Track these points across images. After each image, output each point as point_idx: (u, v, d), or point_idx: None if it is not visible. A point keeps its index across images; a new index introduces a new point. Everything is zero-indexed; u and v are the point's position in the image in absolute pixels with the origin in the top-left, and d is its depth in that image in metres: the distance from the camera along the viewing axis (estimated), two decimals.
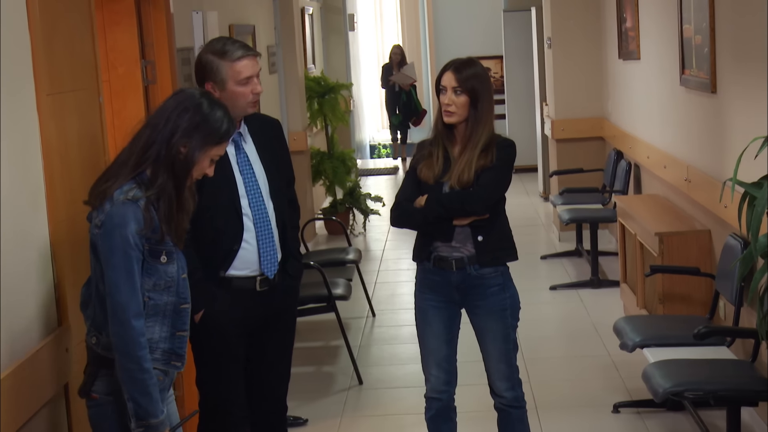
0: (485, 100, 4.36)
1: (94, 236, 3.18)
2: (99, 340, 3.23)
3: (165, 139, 3.21)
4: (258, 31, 7.55)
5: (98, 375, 3.26)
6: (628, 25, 8.68)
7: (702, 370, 4.84)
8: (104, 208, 3.15)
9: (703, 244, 6.14)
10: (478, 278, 4.46)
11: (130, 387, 3.13)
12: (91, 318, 3.27)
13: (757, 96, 5.17)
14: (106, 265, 3.13)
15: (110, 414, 3.25)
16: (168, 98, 3.37)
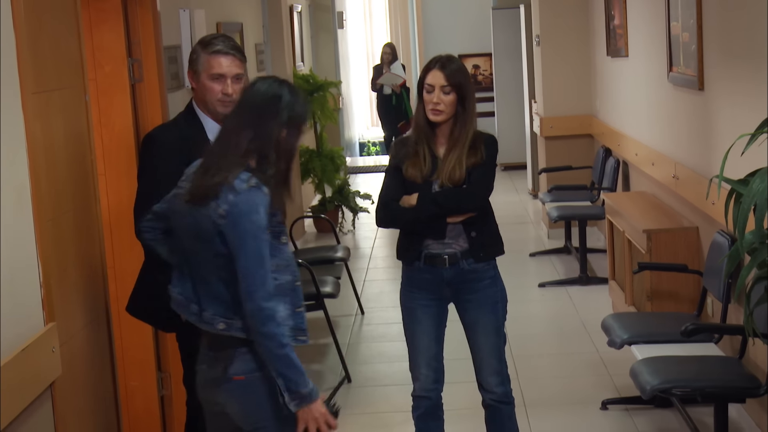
0: (471, 97, 4.38)
1: (214, 227, 3.26)
2: (231, 325, 3.32)
3: (266, 131, 3.31)
4: (246, 29, 7.54)
5: (235, 357, 3.34)
6: (616, 23, 8.69)
7: (690, 367, 4.85)
8: (226, 198, 3.23)
9: (690, 241, 6.15)
10: (471, 272, 4.48)
11: (275, 364, 3.26)
12: (212, 308, 3.35)
13: (744, 93, 5.18)
14: (239, 252, 3.23)
15: (258, 389, 3.35)
16: (251, 89, 3.40)
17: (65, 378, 3.54)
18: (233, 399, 3.38)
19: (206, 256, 3.33)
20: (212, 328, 3.37)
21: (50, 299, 3.49)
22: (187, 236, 3.37)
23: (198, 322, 3.42)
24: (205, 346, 3.46)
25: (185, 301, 3.44)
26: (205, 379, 3.46)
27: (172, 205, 3.46)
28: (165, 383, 5.24)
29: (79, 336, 3.78)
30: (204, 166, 3.33)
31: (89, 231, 3.97)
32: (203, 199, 3.27)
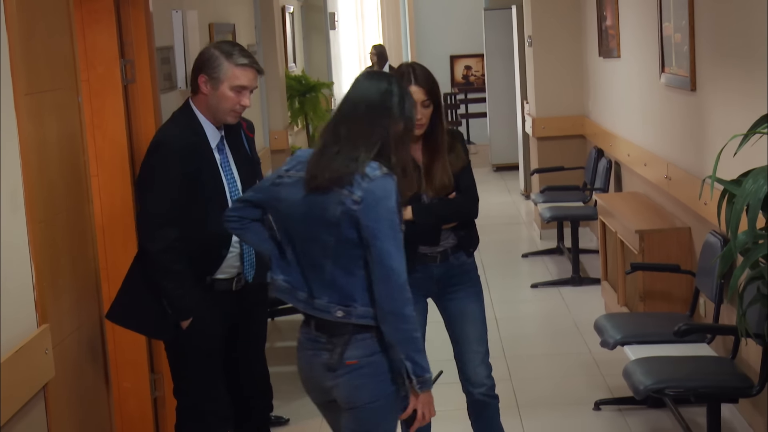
0: (441, 100, 4.43)
1: (344, 213, 3.33)
2: (350, 312, 3.38)
3: (384, 126, 3.41)
4: (238, 29, 7.53)
5: (351, 342, 3.40)
6: (608, 24, 8.70)
7: (682, 367, 4.86)
8: (360, 185, 3.32)
9: (683, 242, 6.16)
10: (459, 266, 4.54)
11: (406, 347, 3.33)
12: (326, 296, 3.41)
13: (737, 93, 5.19)
14: (375, 236, 3.31)
15: (373, 373, 3.41)
16: (361, 86, 3.49)
17: (58, 380, 3.54)
18: (345, 381, 3.44)
19: (327, 243, 3.39)
20: (328, 316, 3.42)
21: (43, 301, 3.48)
22: (301, 223, 3.43)
23: (307, 309, 3.47)
24: (311, 332, 3.50)
25: (291, 288, 3.51)
26: (312, 363, 3.51)
27: (274, 194, 3.53)
28: (158, 385, 5.24)
29: (72, 338, 3.78)
30: (325, 156, 3.40)
31: (82, 232, 3.96)
32: (333, 187, 3.35)
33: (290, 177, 3.50)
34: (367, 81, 3.51)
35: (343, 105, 3.50)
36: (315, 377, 3.52)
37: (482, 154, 15.85)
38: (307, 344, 3.52)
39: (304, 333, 3.54)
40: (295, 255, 3.49)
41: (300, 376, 3.61)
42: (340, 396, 3.47)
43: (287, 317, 6.91)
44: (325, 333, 3.45)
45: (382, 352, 3.41)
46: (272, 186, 3.56)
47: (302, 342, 3.55)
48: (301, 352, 3.56)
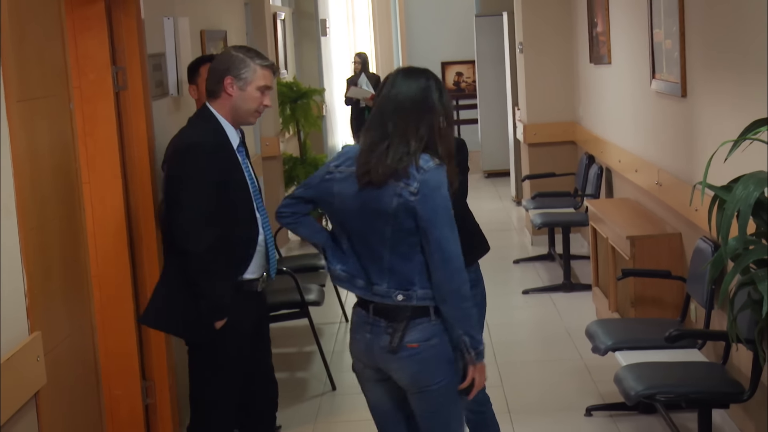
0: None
1: (401, 204, 3.54)
2: (410, 295, 3.59)
3: (429, 116, 3.61)
4: (230, 36, 7.53)
5: (411, 326, 3.61)
6: (599, 30, 8.72)
7: (674, 372, 4.87)
8: (415, 177, 3.53)
9: (674, 248, 6.17)
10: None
11: (465, 324, 3.59)
12: (386, 282, 3.61)
13: (727, 100, 5.21)
14: (433, 224, 3.53)
15: (433, 356, 3.62)
16: (404, 80, 3.65)
17: (50, 387, 3.53)
18: (406, 365, 3.64)
19: (384, 233, 3.59)
20: (389, 300, 3.62)
21: (35, 308, 3.48)
22: (357, 216, 3.63)
23: (366, 295, 3.67)
24: (369, 316, 3.69)
25: (349, 277, 3.71)
26: (371, 345, 3.69)
27: (326, 189, 3.73)
28: (149, 392, 5.24)
29: (64, 345, 3.77)
30: (375, 152, 3.59)
31: (74, 239, 3.96)
32: (388, 180, 3.55)
33: (341, 173, 3.70)
34: (405, 79, 3.68)
35: (384, 103, 3.65)
36: (374, 358, 3.71)
37: (473, 160, 15.82)
38: (364, 327, 3.72)
39: (360, 316, 3.74)
40: (350, 245, 3.70)
41: (353, 352, 3.82)
42: (402, 378, 3.68)
43: (280, 324, 6.89)
44: (384, 317, 3.65)
45: (439, 335, 3.62)
46: (322, 182, 3.75)
47: (358, 324, 3.76)
48: (359, 335, 3.75)
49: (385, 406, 3.85)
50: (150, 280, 5.18)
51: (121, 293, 5.09)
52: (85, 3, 4.89)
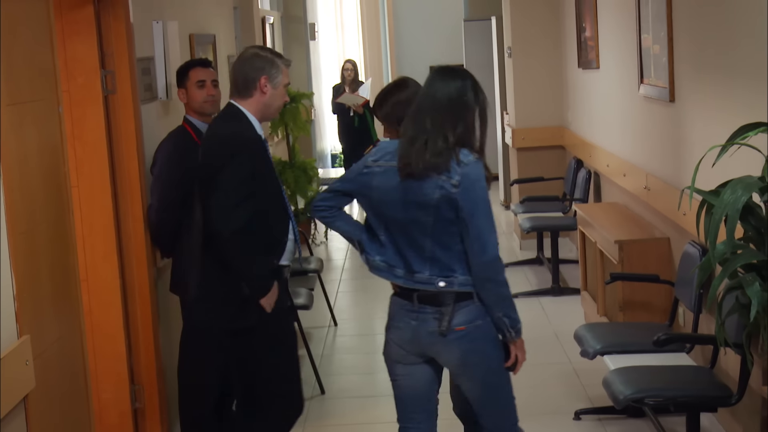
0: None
1: (443, 196, 3.79)
2: (451, 281, 3.85)
3: (465, 113, 3.87)
4: (219, 40, 7.53)
5: (456, 310, 3.87)
6: (587, 35, 8.74)
7: (662, 376, 4.88)
8: (456, 170, 3.79)
9: (662, 252, 6.19)
10: None
11: (504, 306, 3.91)
12: (427, 270, 3.86)
13: (715, 105, 5.22)
14: (473, 215, 3.79)
15: (482, 334, 3.90)
16: (441, 79, 3.94)
17: (39, 391, 3.52)
18: (455, 348, 3.90)
19: (426, 223, 3.83)
20: (431, 287, 3.86)
21: (24, 312, 3.47)
22: (398, 207, 3.87)
23: (407, 283, 3.91)
24: (414, 304, 3.92)
25: (389, 267, 3.95)
26: (417, 332, 3.92)
27: (365, 182, 3.97)
28: (138, 396, 5.23)
29: (53, 349, 3.76)
30: (414, 147, 3.82)
31: (63, 243, 3.95)
32: (430, 174, 3.79)
33: (380, 166, 3.95)
34: (443, 78, 3.93)
35: (422, 100, 3.90)
36: (420, 344, 3.95)
37: None
38: (409, 315, 3.94)
39: (402, 305, 3.96)
40: (389, 236, 3.95)
41: (393, 340, 4.03)
42: (451, 360, 3.95)
43: None
44: (430, 303, 3.89)
45: (483, 316, 3.89)
46: (360, 176, 4.00)
47: (400, 313, 3.98)
48: (401, 323, 3.97)
49: (419, 390, 4.08)
50: (139, 283, 5.18)
51: (109, 297, 5.09)
52: (74, 7, 4.89)
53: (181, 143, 5.19)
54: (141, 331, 5.21)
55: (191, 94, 5.27)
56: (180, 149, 5.16)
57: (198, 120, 5.28)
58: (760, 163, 3.93)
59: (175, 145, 5.20)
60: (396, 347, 4.03)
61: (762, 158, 3.92)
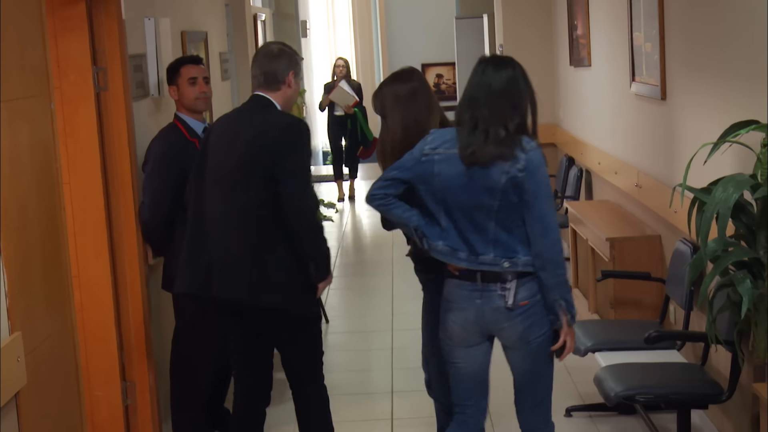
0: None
1: (509, 181, 3.96)
2: (515, 262, 4.03)
3: (518, 101, 4.09)
4: (210, 37, 7.53)
5: (520, 287, 4.04)
6: (578, 33, 8.75)
7: (653, 373, 4.90)
8: (521, 156, 3.97)
9: (653, 249, 6.20)
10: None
11: (562, 289, 4.02)
12: (492, 251, 4.04)
13: (707, 103, 5.24)
14: (536, 198, 3.97)
15: (539, 311, 4.07)
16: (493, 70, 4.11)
17: (30, 387, 3.52)
18: (519, 322, 4.09)
19: (491, 207, 4.00)
20: (497, 267, 4.04)
21: (15, 309, 3.46)
22: (463, 193, 4.03)
23: (471, 265, 4.07)
24: (477, 284, 4.09)
25: (452, 250, 4.10)
26: (482, 310, 4.11)
27: (425, 170, 4.10)
28: (129, 393, 5.23)
29: (45, 345, 3.76)
30: (474, 135, 4.01)
31: (54, 240, 3.95)
32: (496, 161, 3.97)
33: (439, 154, 4.09)
34: (495, 69, 4.11)
35: (476, 90, 4.08)
36: (484, 322, 4.13)
37: None
38: (472, 295, 4.11)
39: (465, 287, 4.12)
40: (451, 221, 4.10)
41: (456, 323, 4.17)
42: (512, 335, 4.12)
43: None
44: (495, 282, 4.06)
45: (539, 292, 4.04)
46: (419, 164, 4.12)
47: (464, 295, 4.13)
48: (465, 304, 4.13)
49: (476, 370, 4.31)
50: (130, 280, 5.17)
51: (101, 294, 5.08)
52: (65, 4, 4.88)
53: (174, 141, 5.19)
54: (132, 328, 5.21)
55: (183, 91, 5.27)
56: (173, 147, 5.16)
57: (189, 117, 5.28)
58: (752, 161, 3.94)
59: (168, 143, 5.19)
60: (459, 329, 4.19)
61: (753, 156, 3.93)
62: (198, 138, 5.23)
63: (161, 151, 5.16)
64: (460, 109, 4.11)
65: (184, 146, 5.18)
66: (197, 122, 5.30)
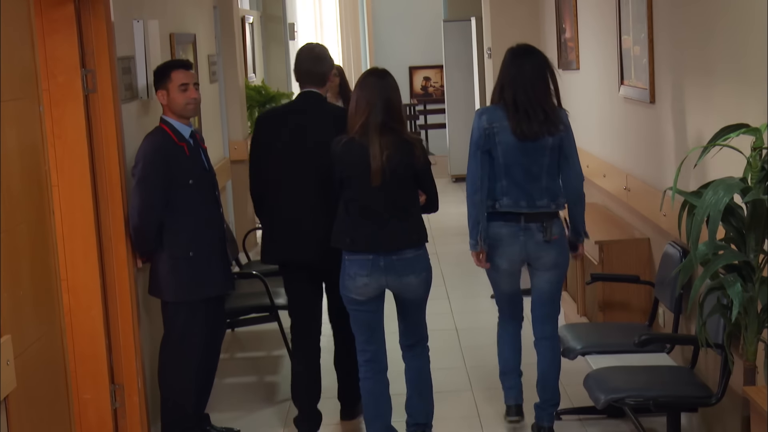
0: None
1: (555, 142, 5.29)
2: (558, 203, 5.33)
3: (552, 86, 5.42)
4: (199, 40, 7.52)
5: (553, 224, 5.32)
6: (567, 36, 8.75)
7: (642, 376, 4.90)
8: (562, 122, 5.33)
9: (642, 252, 6.21)
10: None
11: (582, 216, 5.45)
12: (544, 198, 5.30)
13: (696, 106, 5.24)
14: (571, 152, 5.36)
15: (565, 242, 5.43)
16: (525, 59, 5.44)
17: (19, 391, 3.50)
18: (553, 250, 5.33)
19: (543, 163, 5.28)
20: (546, 209, 5.29)
21: (3, 312, 3.45)
22: (523, 155, 5.26)
23: (530, 209, 5.28)
24: (521, 224, 5.31)
25: (513, 203, 5.28)
26: (526, 243, 5.33)
27: (492, 140, 5.29)
28: (118, 396, 5.21)
29: (33, 348, 3.74)
30: (521, 112, 5.26)
31: (43, 243, 3.93)
32: (544, 134, 5.26)
33: (496, 127, 5.28)
34: (527, 57, 5.41)
35: (515, 75, 5.33)
36: (526, 253, 5.34)
37: (441, 165, 15.87)
38: (517, 234, 5.31)
39: (511, 227, 5.31)
40: (511, 178, 5.26)
41: (504, 257, 5.37)
42: (548, 262, 5.35)
43: (249, 327, 6.89)
44: (537, 221, 5.30)
45: (563, 229, 5.39)
46: (486, 137, 5.30)
47: (510, 235, 5.32)
48: (512, 240, 5.32)
49: (517, 287, 5.57)
50: (119, 283, 5.16)
51: (90, 297, 5.07)
52: (54, 5, 4.87)
53: (162, 145, 5.17)
54: (121, 331, 5.20)
55: (173, 97, 5.23)
56: (161, 151, 5.15)
57: (177, 121, 5.25)
58: (742, 165, 3.95)
59: (157, 148, 5.17)
60: (506, 262, 5.38)
61: (743, 159, 3.94)
62: (186, 142, 5.22)
63: (151, 155, 5.14)
64: (504, 91, 5.33)
65: (174, 151, 5.17)
66: (185, 126, 5.28)
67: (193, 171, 5.24)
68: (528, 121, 5.20)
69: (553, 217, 5.30)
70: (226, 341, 7.24)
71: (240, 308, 6.46)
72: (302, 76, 5.45)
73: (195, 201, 5.24)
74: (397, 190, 4.99)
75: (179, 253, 5.19)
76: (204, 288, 5.27)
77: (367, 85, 4.97)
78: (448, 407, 5.94)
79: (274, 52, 14.59)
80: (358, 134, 4.93)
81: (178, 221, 5.18)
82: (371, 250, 4.95)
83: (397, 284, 5.02)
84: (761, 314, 3.89)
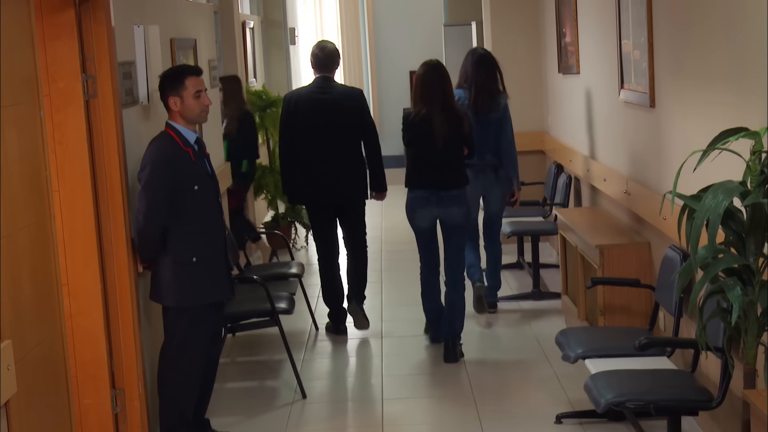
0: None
1: (499, 116, 7.56)
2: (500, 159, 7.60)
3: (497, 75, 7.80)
4: (199, 45, 7.52)
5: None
6: (567, 40, 8.76)
7: (643, 380, 4.90)
8: (500, 103, 7.53)
9: (642, 256, 6.21)
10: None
11: (516, 171, 7.52)
12: (489, 155, 7.59)
13: (696, 110, 5.25)
14: (507, 124, 7.58)
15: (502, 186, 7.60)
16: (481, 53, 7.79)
17: (20, 396, 3.51)
18: (497, 188, 7.81)
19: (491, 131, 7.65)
20: (493, 162, 7.61)
21: (5, 317, 3.45)
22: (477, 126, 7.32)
23: (483, 162, 7.60)
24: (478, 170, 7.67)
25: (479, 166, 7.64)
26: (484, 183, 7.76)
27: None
28: (119, 401, 5.21)
29: (34, 353, 3.75)
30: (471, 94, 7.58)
31: (44, 248, 3.94)
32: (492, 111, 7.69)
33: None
34: (482, 51, 7.89)
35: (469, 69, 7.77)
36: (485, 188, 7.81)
37: None
38: (476, 177, 7.58)
39: (475, 174, 7.55)
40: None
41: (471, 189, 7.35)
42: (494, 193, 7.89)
43: (250, 332, 6.88)
44: (490, 168, 7.70)
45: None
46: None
47: (473, 178, 7.42)
48: (474, 181, 7.42)
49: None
50: (120, 288, 5.16)
51: (90, 301, 5.07)
52: (55, 10, 4.88)
53: (170, 150, 5.19)
54: (122, 336, 5.20)
55: (188, 104, 5.22)
56: (169, 156, 5.16)
57: (183, 127, 5.25)
58: (741, 168, 3.95)
59: (164, 152, 5.18)
60: (473, 193, 7.46)
61: (743, 163, 3.94)
62: (191, 148, 5.24)
63: (158, 160, 5.15)
64: (459, 80, 7.64)
65: (180, 156, 5.19)
66: (190, 132, 5.29)
67: (198, 176, 5.26)
68: (483, 99, 7.56)
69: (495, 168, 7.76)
70: (227, 346, 7.25)
71: (241, 313, 6.46)
72: (319, 64, 7.52)
73: (199, 206, 5.25)
74: (450, 150, 6.81)
75: (182, 258, 5.21)
76: (206, 294, 5.29)
77: (427, 73, 6.96)
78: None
79: (274, 56, 14.60)
80: (424, 110, 6.82)
81: (183, 226, 5.20)
82: (429, 189, 6.81)
83: (445, 213, 6.82)
84: (761, 318, 3.89)
